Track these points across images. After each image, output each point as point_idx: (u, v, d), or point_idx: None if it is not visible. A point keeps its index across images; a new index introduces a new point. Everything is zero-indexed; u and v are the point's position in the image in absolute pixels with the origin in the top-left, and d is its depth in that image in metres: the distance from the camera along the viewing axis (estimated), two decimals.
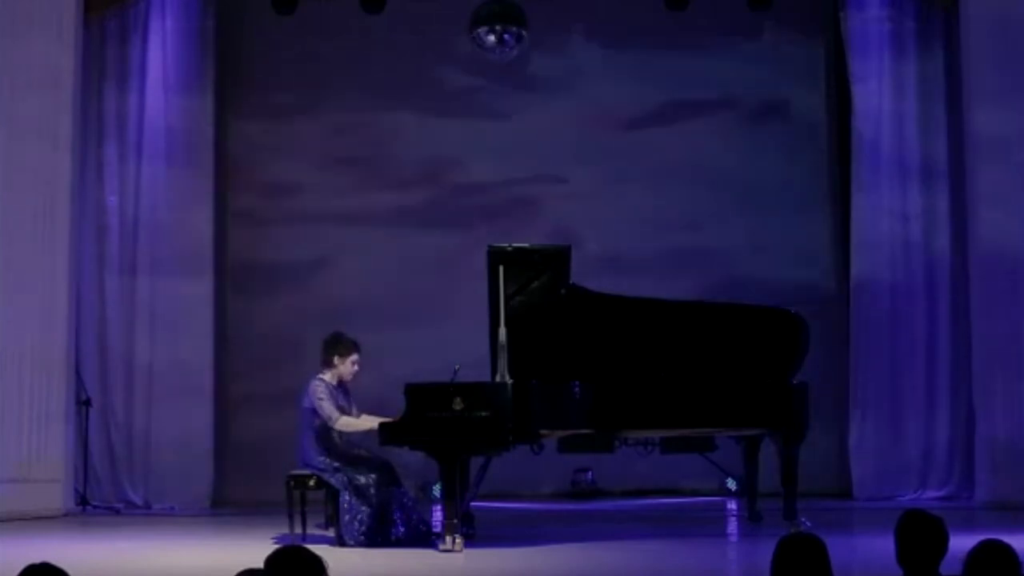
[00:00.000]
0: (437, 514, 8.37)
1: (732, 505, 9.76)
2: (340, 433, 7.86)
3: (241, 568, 3.54)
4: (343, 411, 7.82)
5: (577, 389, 7.57)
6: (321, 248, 11.35)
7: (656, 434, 8.72)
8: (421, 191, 11.44)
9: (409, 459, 8.16)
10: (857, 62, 10.71)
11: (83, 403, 10.19)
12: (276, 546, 4.06)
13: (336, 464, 7.76)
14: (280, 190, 11.42)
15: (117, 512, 10.05)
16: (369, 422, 7.77)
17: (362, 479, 7.71)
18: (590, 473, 10.96)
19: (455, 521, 7.41)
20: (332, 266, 11.33)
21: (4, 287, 9.57)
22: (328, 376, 7.91)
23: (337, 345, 7.96)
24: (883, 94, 10.67)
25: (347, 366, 7.93)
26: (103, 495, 10.31)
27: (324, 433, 7.81)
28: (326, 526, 7.93)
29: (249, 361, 11.19)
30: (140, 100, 10.66)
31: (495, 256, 7.75)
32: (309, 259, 11.34)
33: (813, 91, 11.56)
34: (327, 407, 7.75)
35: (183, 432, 10.43)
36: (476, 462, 8.07)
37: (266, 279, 11.31)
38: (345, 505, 7.67)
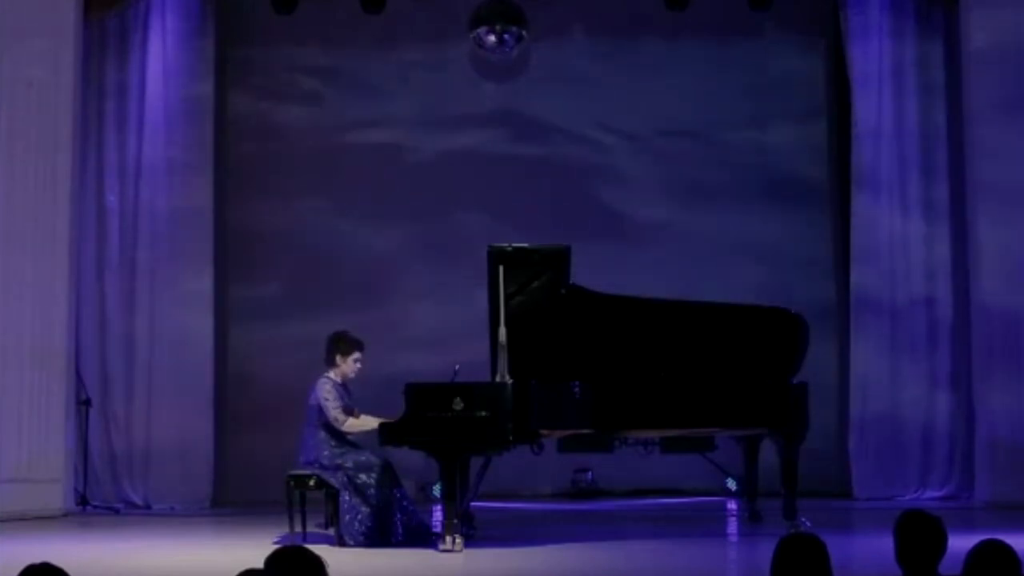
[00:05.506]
0: (437, 514, 8.38)
1: (732, 505, 9.75)
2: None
3: (241, 568, 3.54)
4: (348, 412, 7.84)
5: (577, 389, 7.57)
6: (323, 248, 11.35)
7: (656, 434, 8.72)
8: (423, 193, 11.45)
9: (409, 459, 8.16)
10: (857, 61, 10.70)
11: (83, 403, 10.19)
12: (276, 546, 4.06)
13: (339, 461, 7.76)
14: (281, 187, 11.42)
15: (117, 512, 10.05)
16: (371, 422, 7.78)
17: (362, 478, 7.72)
18: (590, 473, 10.96)
19: (455, 521, 7.41)
20: (333, 264, 11.33)
21: (4, 287, 9.57)
22: (332, 374, 7.93)
23: (340, 343, 7.98)
24: (883, 93, 10.66)
25: (349, 364, 7.95)
26: (103, 495, 10.31)
27: (329, 429, 7.82)
28: (326, 526, 7.93)
29: (250, 361, 11.19)
30: (140, 99, 10.65)
31: (495, 256, 7.75)
32: (310, 256, 11.34)
33: (813, 91, 11.56)
34: (332, 409, 7.76)
35: (183, 432, 10.42)
36: (476, 462, 8.07)
37: (268, 277, 11.31)
38: (345, 505, 7.67)
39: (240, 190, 11.40)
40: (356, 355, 7.97)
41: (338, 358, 7.95)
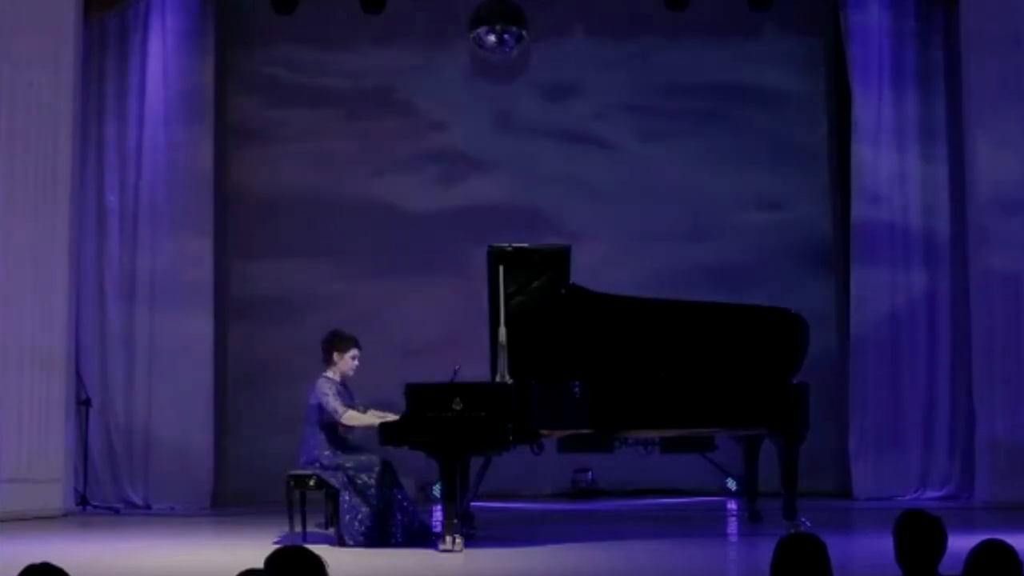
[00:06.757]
0: (437, 514, 8.38)
1: (732, 505, 9.75)
2: (345, 431, 7.88)
3: (241, 568, 3.54)
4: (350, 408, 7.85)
5: (577, 389, 7.57)
6: (324, 246, 11.34)
7: (656, 434, 8.72)
8: (423, 191, 11.45)
9: (409, 459, 8.15)
10: (857, 61, 10.70)
11: (83, 403, 10.18)
12: (276, 546, 4.06)
13: (339, 460, 7.76)
14: (281, 186, 11.42)
15: (117, 512, 10.05)
16: (374, 418, 7.78)
17: (362, 478, 7.72)
18: (590, 473, 10.96)
19: (455, 521, 7.41)
20: (335, 256, 11.33)
21: (4, 287, 9.56)
22: (331, 374, 7.93)
23: (336, 341, 7.99)
24: (883, 93, 10.67)
25: (346, 362, 7.95)
26: (103, 495, 10.31)
27: (330, 429, 7.83)
28: (326, 526, 7.93)
29: (250, 361, 11.19)
30: (140, 99, 10.65)
31: (495, 256, 7.76)
32: (311, 256, 11.34)
33: (813, 91, 11.57)
34: (332, 402, 7.77)
35: (183, 432, 10.42)
36: (476, 462, 8.07)
37: (269, 277, 11.30)
38: (345, 505, 7.67)
39: (241, 190, 11.40)
40: (353, 352, 7.98)
41: (335, 356, 7.96)
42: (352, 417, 7.82)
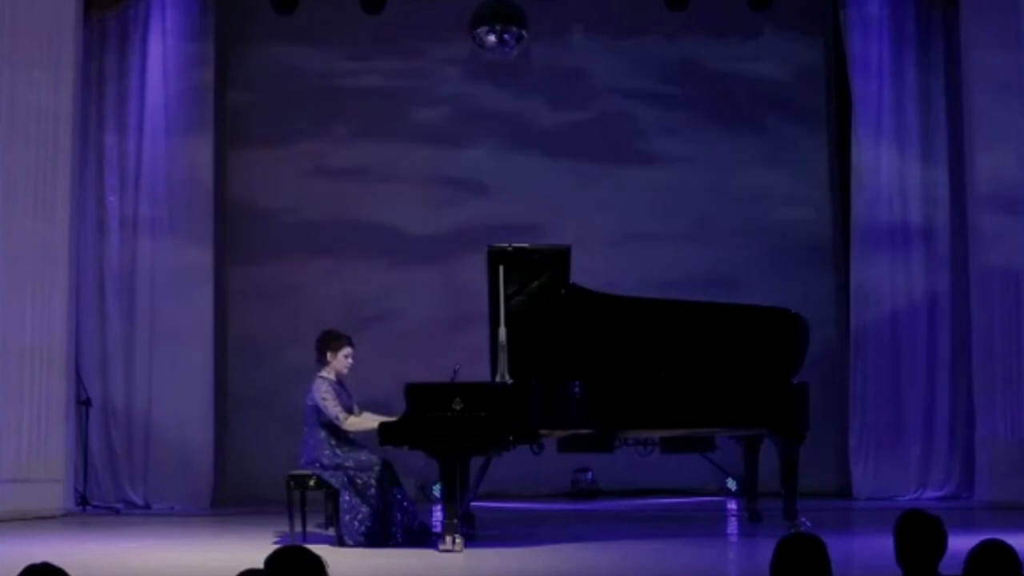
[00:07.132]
0: (437, 514, 8.38)
1: (732, 505, 9.76)
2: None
3: (241, 568, 3.54)
4: (348, 410, 7.83)
5: (577, 389, 7.57)
6: (323, 236, 11.34)
7: (656, 434, 8.71)
8: (423, 193, 11.46)
9: (409, 459, 8.15)
10: (857, 61, 10.71)
11: (83, 403, 10.19)
12: (276, 546, 4.06)
13: (339, 460, 7.76)
14: (282, 186, 11.42)
15: (117, 512, 10.05)
16: (374, 421, 7.77)
17: (362, 478, 7.71)
18: (590, 473, 10.96)
19: (455, 521, 7.40)
20: (335, 255, 11.33)
21: (5, 286, 9.56)
22: (326, 373, 7.92)
23: (329, 340, 7.98)
24: (883, 93, 10.67)
25: (340, 360, 7.94)
26: (103, 495, 10.31)
27: (330, 427, 7.82)
28: (326, 526, 7.93)
29: (251, 361, 11.19)
30: (140, 99, 10.65)
31: (495, 256, 7.75)
32: (310, 248, 11.33)
33: (813, 91, 11.57)
34: (332, 408, 7.75)
35: (183, 432, 10.42)
36: (476, 462, 8.08)
37: (270, 279, 11.30)
38: (345, 505, 7.67)
39: (240, 190, 11.40)
40: (347, 350, 7.96)
41: (329, 355, 7.94)
42: (353, 423, 7.81)
